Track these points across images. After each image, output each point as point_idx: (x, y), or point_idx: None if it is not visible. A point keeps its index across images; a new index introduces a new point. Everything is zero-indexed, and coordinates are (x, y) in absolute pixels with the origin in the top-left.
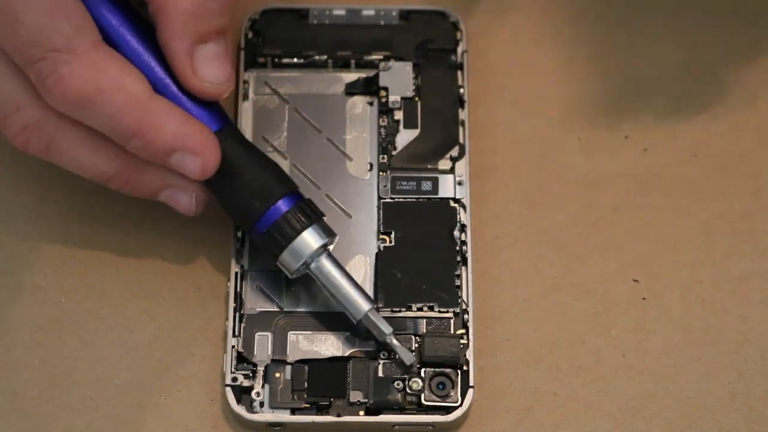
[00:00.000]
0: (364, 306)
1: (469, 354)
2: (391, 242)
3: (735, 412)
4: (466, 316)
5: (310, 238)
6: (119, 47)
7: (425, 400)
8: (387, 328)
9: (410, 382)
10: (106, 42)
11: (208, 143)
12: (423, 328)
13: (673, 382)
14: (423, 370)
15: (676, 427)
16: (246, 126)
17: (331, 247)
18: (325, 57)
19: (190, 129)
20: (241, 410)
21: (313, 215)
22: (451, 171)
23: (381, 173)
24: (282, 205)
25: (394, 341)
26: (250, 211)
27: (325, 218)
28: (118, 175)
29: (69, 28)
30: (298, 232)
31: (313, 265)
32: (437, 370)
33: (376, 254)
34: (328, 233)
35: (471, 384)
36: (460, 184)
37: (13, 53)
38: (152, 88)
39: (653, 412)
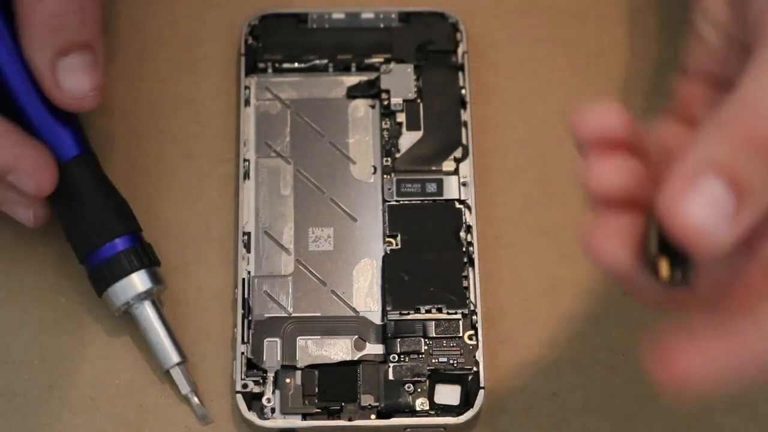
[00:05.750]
0: (174, 358)
1: (479, 355)
2: (397, 245)
3: (735, 412)
4: (474, 317)
5: (137, 281)
6: None
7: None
8: (185, 388)
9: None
10: None
11: (43, 167)
12: (432, 330)
13: None
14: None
15: (676, 427)
16: (248, 132)
17: (156, 296)
18: (325, 61)
19: (24, 152)
20: (252, 417)
21: (146, 260)
22: (455, 172)
23: (385, 176)
24: (118, 244)
25: (194, 399)
26: (87, 243)
27: (159, 267)
28: None
29: None
30: (127, 273)
31: (135, 308)
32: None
33: (383, 257)
34: (157, 281)
35: (482, 385)
36: (464, 185)
37: None
38: None
39: (653, 412)
